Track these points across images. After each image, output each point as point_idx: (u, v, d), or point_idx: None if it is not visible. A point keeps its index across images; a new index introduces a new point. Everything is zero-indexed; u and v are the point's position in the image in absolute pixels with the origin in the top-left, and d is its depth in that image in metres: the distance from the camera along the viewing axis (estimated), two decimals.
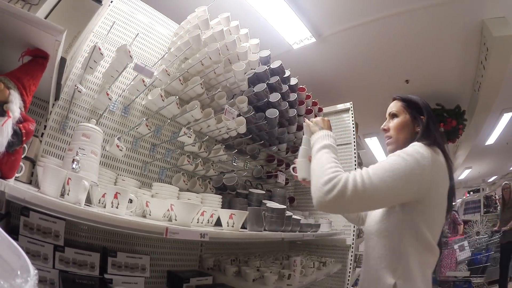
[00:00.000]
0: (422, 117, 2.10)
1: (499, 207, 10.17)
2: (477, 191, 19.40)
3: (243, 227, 2.70)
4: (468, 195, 19.89)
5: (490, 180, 21.09)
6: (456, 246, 10.03)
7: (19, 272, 0.81)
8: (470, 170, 17.75)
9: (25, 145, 1.65)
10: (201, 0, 3.54)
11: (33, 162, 2.15)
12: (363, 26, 5.94)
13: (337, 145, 5.08)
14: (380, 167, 1.69)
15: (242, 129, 3.51)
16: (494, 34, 5.64)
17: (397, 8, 5.56)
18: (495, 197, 19.74)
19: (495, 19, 5.66)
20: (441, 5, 5.43)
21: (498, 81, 7.03)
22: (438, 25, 5.91)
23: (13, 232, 1.92)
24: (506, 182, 9.44)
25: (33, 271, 0.82)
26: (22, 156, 1.68)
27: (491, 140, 11.69)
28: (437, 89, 8.39)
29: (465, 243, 9.85)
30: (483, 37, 6.10)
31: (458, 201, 20.59)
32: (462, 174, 18.86)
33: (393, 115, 2.21)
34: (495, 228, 9.12)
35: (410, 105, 2.17)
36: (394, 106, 2.25)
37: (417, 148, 1.78)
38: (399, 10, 5.60)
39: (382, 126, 2.26)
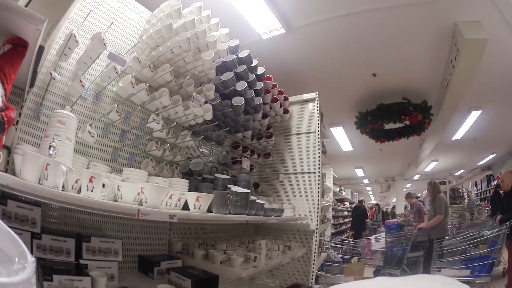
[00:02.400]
0: None
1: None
2: (444, 183, 19.92)
3: (209, 210, 2.81)
4: None
5: (457, 173, 21.66)
6: (373, 237, 10.32)
7: (16, 259, 0.81)
8: (436, 162, 18.14)
9: None
10: None
11: (9, 150, 2.15)
12: (333, 20, 6.06)
13: (302, 133, 5.20)
14: None
15: (209, 116, 3.61)
16: (466, 36, 5.86)
17: (369, 5, 5.70)
18: (462, 190, 20.28)
19: (469, 22, 5.87)
20: (415, 5, 5.60)
21: (466, 81, 7.29)
22: (410, 23, 6.09)
23: None
24: (430, 180, 9.67)
25: (30, 258, 0.82)
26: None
27: (458, 135, 12.09)
28: (404, 83, 8.59)
29: (383, 234, 10.11)
30: (455, 38, 6.33)
31: (424, 192, 21.11)
32: (429, 166, 19.32)
33: None
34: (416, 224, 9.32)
35: None
36: None
37: None
38: (371, 7, 5.74)
39: None
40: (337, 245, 9.17)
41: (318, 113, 5.40)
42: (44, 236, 2.23)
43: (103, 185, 2.05)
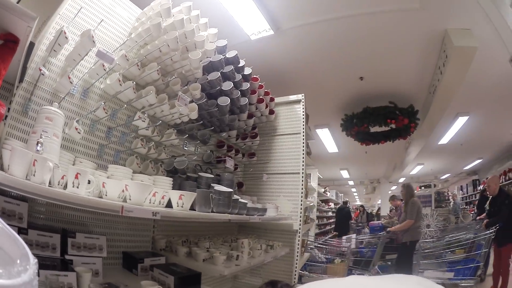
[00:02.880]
0: None
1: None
2: (429, 186, 20.08)
3: (192, 208, 2.85)
4: (419, 189, 20.54)
5: (443, 177, 21.84)
6: (344, 237, 10.42)
7: (18, 261, 0.82)
8: (422, 166, 18.28)
9: None
10: None
11: None
12: (322, 23, 6.09)
13: (287, 134, 5.22)
14: None
15: (194, 115, 3.67)
16: (455, 44, 5.92)
17: (359, 9, 5.73)
18: (448, 194, 20.45)
19: (459, 30, 5.92)
20: (405, 11, 5.64)
21: (454, 87, 7.34)
22: (399, 28, 6.13)
23: None
24: (404, 183, 9.78)
25: (32, 260, 0.83)
26: None
27: (444, 140, 12.21)
28: (391, 87, 8.62)
29: (353, 235, 10.20)
30: (444, 45, 6.38)
31: None
32: (414, 170, 19.45)
33: None
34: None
35: None
36: None
37: None
38: (361, 11, 5.77)
39: None
40: (321, 245, 9.22)
41: (303, 115, 5.46)
42: (30, 231, 2.25)
43: (89, 182, 2.08)
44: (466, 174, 20.54)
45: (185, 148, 4.11)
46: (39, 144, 2.01)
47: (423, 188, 20.93)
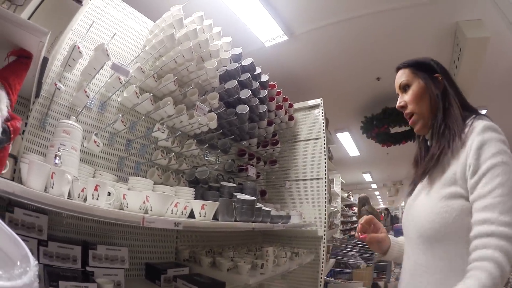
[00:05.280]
0: (436, 75, 1.89)
1: None
2: None
3: (215, 218, 2.82)
4: None
5: None
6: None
7: (19, 263, 0.81)
8: None
9: None
10: None
11: (15, 159, 2.17)
12: (335, 25, 6.04)
13: (308, 140, 5.16)
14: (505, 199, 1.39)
15: (213, 124, 3.63)
16: (468, 36, 5.82)
17: (370, 8, 5.66)
18: None
19: (470, 21, 5.83)
20: (415, 6, 5.56)
21: (470, 81, 7.19)
22: (411, 25, 6.04)
23: None
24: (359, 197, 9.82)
25: (33, 261, 0.81)
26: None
27: None
28: None
29: None
30: (457, 38, 6.28)
31: None
32: None
33: (405, 86, 1.99)
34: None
35: (420, 68, 1.96)
36: (402, 76, 2.03)
37: (494, 134, 1.63)
38: (372, 11, 5.70)
39: (397, 104, 2.02)
40: (349, 250, 9.14)
41: (323, 119, 5.41)
42: (50, 243, 2.26)
43: (109, 194, 2.06)
44: None
45: (206, 158, 4.08)
46: (57, 157, 2.02)
47: None
